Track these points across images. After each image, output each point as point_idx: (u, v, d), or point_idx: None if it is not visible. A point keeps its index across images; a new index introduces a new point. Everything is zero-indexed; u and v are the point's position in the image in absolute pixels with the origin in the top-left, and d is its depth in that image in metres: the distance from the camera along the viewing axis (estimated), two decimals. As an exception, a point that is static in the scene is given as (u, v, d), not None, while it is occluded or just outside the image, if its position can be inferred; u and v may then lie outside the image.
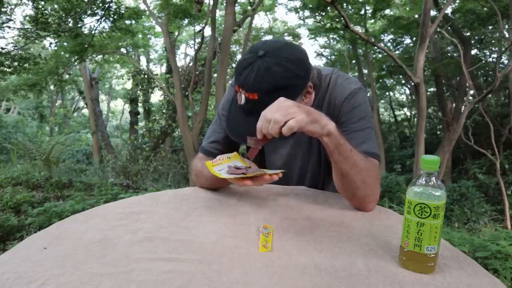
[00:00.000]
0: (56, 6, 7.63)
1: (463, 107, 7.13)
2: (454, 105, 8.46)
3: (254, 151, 0.88)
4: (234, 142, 1.15)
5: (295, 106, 0.80)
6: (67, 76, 12.33)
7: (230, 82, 1.21)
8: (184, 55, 18.52)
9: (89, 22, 10.65)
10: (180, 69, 9.74)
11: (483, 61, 10.39)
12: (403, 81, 15.06)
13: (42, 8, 7.29)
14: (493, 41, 10.81)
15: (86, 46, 8.07)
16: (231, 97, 1.16)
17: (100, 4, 7.50)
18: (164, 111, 11.28)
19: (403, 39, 11.99)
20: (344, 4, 9.37)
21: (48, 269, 0.63)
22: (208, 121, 8.50)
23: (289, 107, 0.79)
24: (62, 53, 9.15)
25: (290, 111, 0.78)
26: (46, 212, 3.54)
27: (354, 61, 12.52)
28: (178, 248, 0.71)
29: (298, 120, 0.77)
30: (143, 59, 18.07)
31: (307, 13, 11.36)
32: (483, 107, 7.17)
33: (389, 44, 12.30)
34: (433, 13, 6.78)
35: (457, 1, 9.16)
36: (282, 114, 0.78)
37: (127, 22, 8.88)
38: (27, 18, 7.72)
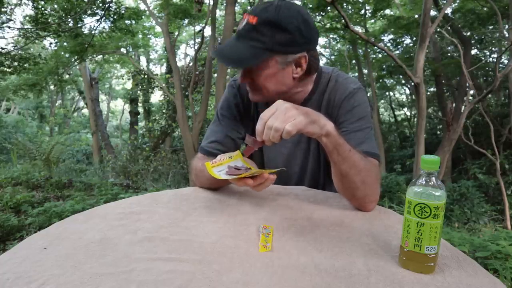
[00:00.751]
0: (56, 6, 7.64)
1: (463, 107, 7.12)
2: (454, 105, 8.45)
3: (250, 149, 0.88)
4: (233, 141, 1.15)
5: (293, 108, 0.79)
6: (67, 76, 12.33)
7: (229, 82, 1.22)
8: (184, 55, 18.56)
9: (89, 22, 10.69)
10: (180, 69, 9.74)
11: (483, 61, 10.38)
12: (403, 81, 15.06)
13: (42, 8, 7.29)
14: (493, 41, 10.80)
15: (86, 46, 8.07)
16: (230, 97, 1.17)
17: (100, 4, 7.50)
18: (164, 111, 11.28)
19: (403, 39, 11.99)
20: (344, 4, 9.37)
21: (48, 269, 0.63)
22: (208, 121, 8.50)
23: (287, 109, 0.79)
24: (62, 53, 9.15)
25: (289, 115, 0.78)
26: (46, 212, 3.54)
27: (354, 61, 12.51)
28: (178, 248, 0.71)
29: (296, 123, 0.77)
30: (143, 59, 18.10)
31: (307, 13, 11.34)
32: (483, 107, 7.16)
33: (389, 44, 12.29)
34: (433, 13, 6.78)
35: (457, 1, 9.16)
36: (282, 120, 0.77)
37: (127, 22, 8.88)
38: (27, 18, 7.72)
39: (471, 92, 6.98)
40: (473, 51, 10.32)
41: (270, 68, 0.95)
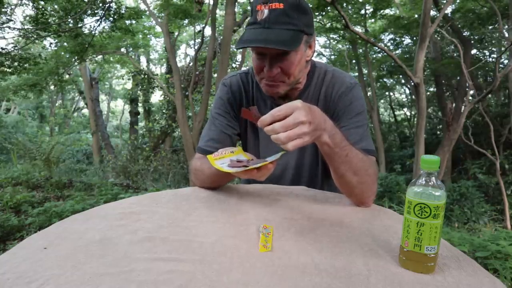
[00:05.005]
0: (56, 6, 7.63)
1: (463, 107, 7.12)
2: (454, 105, 8.45)
3: (249, 114, 0.85)
4: (229, 137, 1.15)
5: (306, 123, 0.75)
6: (67, 76, 12.31)
7: (221, 81, 1.22)
8: (184, 55, 18.57)
9: (89, 22, 10.68)
10: (180, 69, 9.74)
11: (483, 61, 10.37)
12: (403, 81, 15.06)
13: (42, 8, 7.28)
14: (493, 41, 10.79)
15: (86, 46, 8.07)
16: (223, 95, 1.18)
17: (100, 4, 7.49)
18: (164, 111, 11.29)
19: (403, 39, 11.99)
20: (344, 4, 9.36)
21: (48, 269, 0.63)
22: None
23: (301, 124, 0.75)
24: (62, 53, 9.14)
25: (297, 132, 0.74)
26: (46, 212, 3.54)
27: (354, 61, 12.51)
28: (178, 248, 0.71)
29: (297, 144, 0.75)
30: (143, 59, 18.08)
31: (307, 13, 11.33)
32: (483, 107, 7.15)
33: (389, 44, 12.29)
34: (433, 13, 6.77)
35: (457, 1, 9.15)
36: (287, 135, 0.74)
37: (127, 22, 8.87)
38: (27, 18, 7.71)
39: (471, 92, 6.98)
40: (473, 51, 10.31)
41: (300, 50, 0.98)
